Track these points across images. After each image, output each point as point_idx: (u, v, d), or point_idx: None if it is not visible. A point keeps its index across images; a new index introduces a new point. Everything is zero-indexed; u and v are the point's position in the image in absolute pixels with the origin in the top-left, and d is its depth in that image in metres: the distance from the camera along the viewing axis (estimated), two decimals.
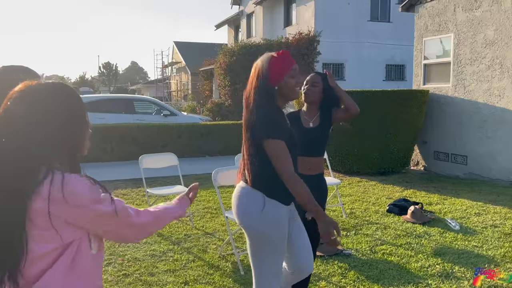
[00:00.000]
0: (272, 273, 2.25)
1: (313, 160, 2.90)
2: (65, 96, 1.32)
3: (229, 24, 28.48)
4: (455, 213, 5.40)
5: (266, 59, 2.25)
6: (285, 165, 2.11)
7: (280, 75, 2.21)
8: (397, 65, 19.91)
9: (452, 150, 8.06)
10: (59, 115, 1.27)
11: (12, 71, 1.99)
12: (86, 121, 1.37)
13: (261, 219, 2.17)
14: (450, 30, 8.02)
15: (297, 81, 2.28)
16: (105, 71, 54.22)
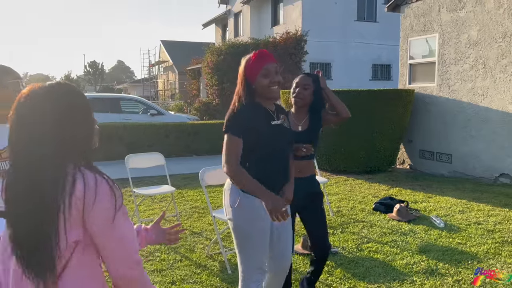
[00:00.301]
0: (255, 267, 2.34)
1: (302, 163, 2.81)
2: (64, 94, 1.34)
3: (216, 23, 28.42)
4: (439, 210, 5.48)
5: (246, 58, 2.39)
6: (227, 159, 2.25)
7: (253, 74, 2.32)
8: (383, 65, 20.09)
9: (437, 149, 8.17)
10: (57, 113, 1.29)
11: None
12: (89, 117, 1.38)
13: (238, 213, 2.31)
14: (435, 30, 8.13)
15: (271, 80, 2.31)
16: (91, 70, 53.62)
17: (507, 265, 3.74)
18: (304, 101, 2.89)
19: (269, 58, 2.36)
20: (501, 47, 6.94)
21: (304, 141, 2.75)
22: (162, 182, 6.31)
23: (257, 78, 2.32)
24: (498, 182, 7.05)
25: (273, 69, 2.32)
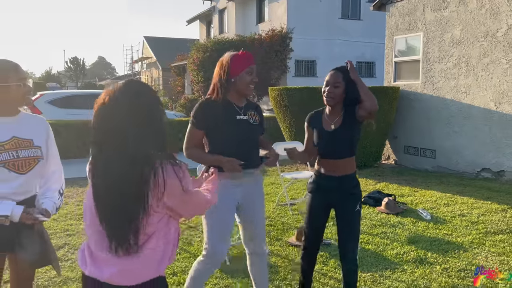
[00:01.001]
0: (217, 239, 2.61)
1: (339, 163, 2.78)
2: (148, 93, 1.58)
3: (200, 19, 28.34)
4: (425, 204, 5.68)
5: (230, 54, 2.60)
6: (185, 146, 2.61)
7: (239, 68, 2.53)
8: (367, 62, 20.38)
9: (421, 145, 8.41)
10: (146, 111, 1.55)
11: None
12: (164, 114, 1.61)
13: None
14: (419, 29, 8.35)
15: (253, 79, 2.57)
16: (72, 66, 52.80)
17: (491, 254, 3.95)
18: (335, 100, 2.76)
19: (253, 60, 2.62)
20: (483, 46, 7.20)
21: (336, 139, 2.76)
22: None
23: (241, 74, 2.54)
24: (480, 176, 7.32)
25: (254, 70, 2.60)
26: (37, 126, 2.27)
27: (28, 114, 2.28)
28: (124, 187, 1.46)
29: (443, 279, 3.45)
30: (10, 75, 2.08)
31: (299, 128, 8.19)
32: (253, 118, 2.65)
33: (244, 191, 2.65)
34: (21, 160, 2.11)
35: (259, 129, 2.71)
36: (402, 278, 3.47)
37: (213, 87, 2.62)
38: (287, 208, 5.48)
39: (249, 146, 2.63)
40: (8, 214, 2.00)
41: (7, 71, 2.08)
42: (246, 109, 2.64)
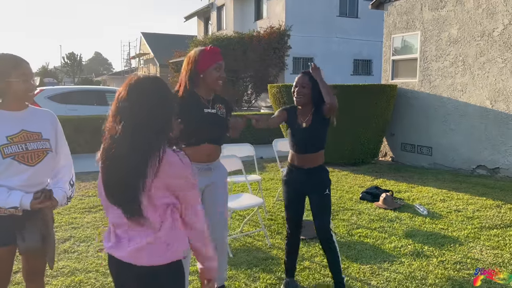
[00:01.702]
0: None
1: (309, 157, 3.09)
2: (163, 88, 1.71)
3: (198, 16, 28.34)
4: (422, 199, 5.81)
5: (198, 49, 2.73)
6: None
7: (206, 64, 2.66)
8: (364, 60, 20.49)
9: (418, 142, 8.54)
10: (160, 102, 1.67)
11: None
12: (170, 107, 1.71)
13: None
14: (417, 28, 8.46)
15: (221, 75, 2.72)
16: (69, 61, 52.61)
17: (485, 247, 4.07)
18: (304, 99, 3.04)
19: (220, 56, 2.76)
20: (479, 45, 7.32)
21: (307, 137, 3.06)
22: None
23: (208, 69, 2.69)
24: (476, 173, 7.46)
25: (222, 66, 2.74)
26: (45, 119, 2.33)
27: (36, 108, 2.34)
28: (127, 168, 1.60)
29: (440, 271, 3.57)
30: (11, 71, 2.10)
31: None
32: (220, 111, 2.82)
33: (209, 180, 2.82)
34: (30, 152, 2.18)
35: (225, 121, 2.86)
36: (399, 270, 3.59)
37: (179, 82, 2.78)
38: None
39: (216, 136, 2.80)
40: (17, 206, 2.08)
41: (10, 65, 2.11)
42: (214, 102, 2.81)
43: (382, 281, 3.39)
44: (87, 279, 3.41)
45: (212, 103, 2.79)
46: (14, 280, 3.30)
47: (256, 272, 3.56)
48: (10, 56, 2.15)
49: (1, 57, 2.12)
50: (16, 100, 2.17)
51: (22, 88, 2.14)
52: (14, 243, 2.24)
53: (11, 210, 2.10)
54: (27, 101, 2.21)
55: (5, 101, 2.15)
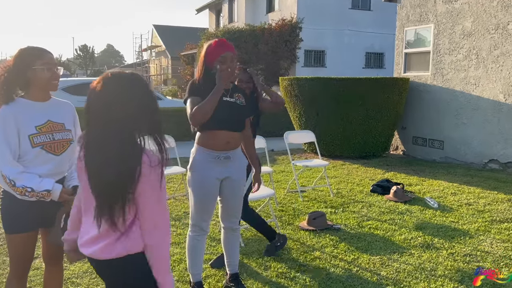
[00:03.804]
0: (200, 218, 2.90)
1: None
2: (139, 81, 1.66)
3: (210, 8, 28.33)
4: (433, 193, 5.82)
5: (208, 43, 2.83)
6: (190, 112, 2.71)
7: (212, 57, 2.75)
8: (376, 53, 20.36)
9: (429, 136, 8.51)
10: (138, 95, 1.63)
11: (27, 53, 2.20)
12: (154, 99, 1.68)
13: (192, 177, 2.88)
14: (430, 21, 8.40)
15: (227, 67, 2.74)
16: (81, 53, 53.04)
17: (496, 241, 4.09)
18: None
19: (227, 48, 2.81)
20: (493, 39, 7.25)
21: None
22: (172, 164, 6.53)
23: (214, 62, 2.76)
24: (488, 167, 7.43)
25: (229, 58, 2.76)
26: (67, 110, 2.42)
27: (58, 100, 2.42)
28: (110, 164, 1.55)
29: (449, 263, 3.60)
30: (35, 60, 2.20)
31: (309, 118, 8.32)
32: (239, 100, 2.89)
33: (228, 168, 2.89)
34: (56, 142, 2.27)
35: (246, 110, 2.93)
36: (409, 261, 3.63)
37: (198, 71, 2.87)
38: (297, 194, 5.63)
39: (236, 126, 2.87)
40: (50, 189, 2.16)
41: (33, 56, 2.21)
42: (232, 91, 2.87)
43: (391, 272, 3.44)
44: None
45: (231, 92, 2.86)
46: (34, 266, 3.41)
47: (267, 261, 3.62)
48: (34, 48, 2.24)
49: (26, 48, 2.21)
50: (41, 90, 2.26)
51: (47, 76, 2.22)
52: (37, 229, 2.34)
53: (44, 193, 2.18)
54: (51, 89, 2.29)
55: (31, 91, 2.24)
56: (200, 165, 2.83)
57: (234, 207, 3.04)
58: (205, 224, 2.94)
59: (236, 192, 2.99)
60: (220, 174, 2.87)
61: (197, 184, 2.85)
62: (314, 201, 5.45)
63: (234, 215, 3.08)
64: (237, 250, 3.18)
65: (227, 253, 3.16)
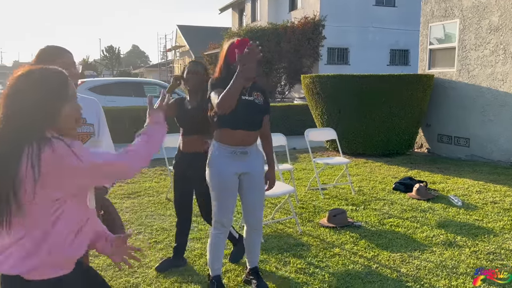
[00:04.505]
0: (222, 214, 2.94)
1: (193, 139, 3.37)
2: (40, 78, 1.51)
3: (233, 7, 28.48)
4: (457, 191, 5.72)
5: (229, 42, 2.89)
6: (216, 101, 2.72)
7: (233, 56, 2.76)
8: (401, 50, 20.06)
9: (455, 133, 8.34)
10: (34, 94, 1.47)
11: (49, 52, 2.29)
12: (59, 98, 1.51)
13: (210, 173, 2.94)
14: (455, 16, 8.23)
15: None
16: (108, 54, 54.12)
17: None
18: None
19: (242, 49, 2.80)
20: None
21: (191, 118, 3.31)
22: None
23: (235, 63, 2.76)
24: None
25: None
26: (90, 106, 2.50)
27: (81, 96, 2.52)
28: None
29: (472, 260, 3.55)
30: (55, 59, 2.29)
31: (330, 116, 8.29)
32: (258, 99, 2.92)
33: (246, 164, 2.93)
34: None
35: (263, 109, 2.96)
36: (430, 259, 3.59)
37: (217, 70, 2.93)
38: (318, 192, 5.63)
39: (253, 125, 2.91)
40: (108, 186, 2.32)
41: (52, 55, 2.29)
42: (251, 90, 2.90)
43: (412, 269, 3.41)
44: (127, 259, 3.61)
45: (250, 90, 2.90)
46: None
47: (287, 257, 3.65)
48: (53, 47, 2.32)
49: (46, 48, 2.30)
50: None
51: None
52: None
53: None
54: None
55: None
56: (217, 160, 2.89)
57: (254, 202, 3.06)
58: (226, 220, 2.98)
59: (255, 187, 3.02)
60: (237, 168, 2.91)
61: (215, 179, 2.91)
62: (335, 198, 5.44)
63: (255, 212, 3.09)
64: (258, 246, 3.21)
65: (248, 249, 3.19)
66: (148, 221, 4.55)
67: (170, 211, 4.90)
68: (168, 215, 4.74)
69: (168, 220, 4.55)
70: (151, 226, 4.41)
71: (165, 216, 4.70)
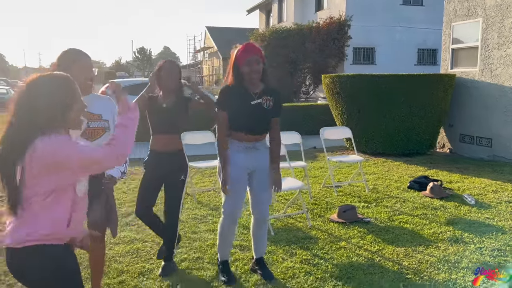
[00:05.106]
0: (232, 205, 3.15)
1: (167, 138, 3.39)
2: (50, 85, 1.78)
3: (260, 8, 28.71)
4: (473, 190, 5.72)
5: (236, 48, 3.06)
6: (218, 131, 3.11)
7: (241, 60, 2.99)
8: (429, 50, 19.76)
9: (477, 133, 8.27)
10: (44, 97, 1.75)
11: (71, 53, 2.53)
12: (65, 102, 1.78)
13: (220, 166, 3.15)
14: (478, 15, 8.16)
15: (251, 69, 2.98)
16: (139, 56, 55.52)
17: None
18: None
19: (253, 51, 3.04)
20: None
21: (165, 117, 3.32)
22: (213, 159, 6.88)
23: (242, 65, 2.99)
24: None
25: (253, 61, 2.97)
26: (105, 104, 2.75)
27: (97, 95, 2.79)
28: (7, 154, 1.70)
29: (475, 256, 3.62)
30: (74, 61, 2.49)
31: (350, 115, 8.37)
32: (267, 103, 3.08)
33: (256, 160, 3.14)
34: (91, 129, 2.63)
35: (271, 113, 3.13)
36: (434, 253, 3.69)
37: (227, 75, 3.11)
38: (332, 189, 5.77)
39: (259, 129, 3.13)
40: (116, 177, 2.56)
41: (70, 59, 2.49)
42: (261, 94, 3.08)
43: (414, 263, 3.52)
44: (144, 247, 3.88)
45: (259, 95, 3.07)
46: None
47: (294, 248, 3.83)
48: (74, 51, 2.57)
49: (67, 51, 2.56)
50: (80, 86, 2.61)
51: (81, 78, 2.47)
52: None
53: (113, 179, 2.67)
54: (86, 89, 2.56)
55: None
56: (231, 156, 3.09)
57: (262, 196, 3.25)
58: (235, 211, 3.19)
59: (263, 183, 3.21)
60: (247, 163, 3.11)
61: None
62: (348, 195, 5.56)
63: (262, 205, 3.28)
64: (264, 238, 3.41)
65: (255, 240, 3.39)
66: None
67: (188, 204, 5.16)
68: (186, 208, 4.99)
69: (185, 213, 4.80)
70: None
71: (182, 210, 4.95)
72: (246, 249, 3.79)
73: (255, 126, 3.08)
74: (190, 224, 4.49)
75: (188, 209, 4.96)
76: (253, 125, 3.07)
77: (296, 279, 3.26)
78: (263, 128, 3.15)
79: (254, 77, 3.01)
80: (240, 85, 3.04)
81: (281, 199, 5.34)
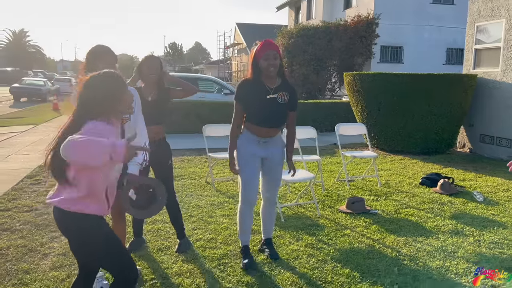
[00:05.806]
0: (248, 192, 3.45)
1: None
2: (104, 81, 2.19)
3: (290, 5, 28.87)
4: (484, 188, 5.86)
5: (256, 45, 3.30)
6: (233, 120, 3.42)
7: (260, 55, 3.24)
8: (458, 49, 19.47)
9: (497, 133, 8.30)
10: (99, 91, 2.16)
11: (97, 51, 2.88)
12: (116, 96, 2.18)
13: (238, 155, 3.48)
14: (502, 16, 8.18)
15: (269, 63, 3.22)
16: (171, 51, 56.60)
17: None
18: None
19: (271, 47, 3.31)
20: None
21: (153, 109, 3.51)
22: None
23: (260, 60, 3.24)
24: None
25: (271, 55, 3.23)
26: None
27: None
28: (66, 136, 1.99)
29: (472, 247, 3.83)
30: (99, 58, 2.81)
31: (370, 113, 8.56)
32: (282, 98, 3.34)
33: (267, 150, 3.44)
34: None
35: (286, 107, 3.39)
36: (432, 243, 3.91)
37: (249, 71, 3.39)
38: (345, 183, 6.02)
39: (274, 120, 3.40)
40: (140, 162, 2.92)
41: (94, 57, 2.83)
42: (277, 89, 3.34)
43: (412, 250, 3.76)
44: (164, 227, 4.27)
45: (275, 90, 3.34)
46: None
47: (301, 234, 4.13)
48: (100, 48, 2.93)
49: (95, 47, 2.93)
50: None
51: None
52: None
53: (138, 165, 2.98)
54: None
55: None
56: (244, 144, 3.42)
57: (272, 182, 3.56)
58: (251, 197, 3.49)
59: (274, 169, 3.52)
60: (260, 152, 3.42)
61: (242, 161, 3.43)
62: (360, 189, 5.80)
63: (272, 189, 3.59)
64: (273, 219, 3.72)
65: (264, 221, 3.71)
66: (187, 199, 5.19)
67: (207, 192, 5.53)
68: (205, 195, 5.36)
69: (204, 200, 5.17)
70: (189, 203, 5.05)
71: (202, 196, 5.33)
72: (257, 232, 4.12)
73: (268, 119, 3.36)
74: (207, 209, 4.86)
75: (207, 196, 5.33)
76: (267, 118, 3.35)
77: (299, 260, 3.57)
78: (276, 122, 3.41)
79: (271, 70, 3.25)
80: (257, 79, 3.31)
81: (294, 190, 5.64)
